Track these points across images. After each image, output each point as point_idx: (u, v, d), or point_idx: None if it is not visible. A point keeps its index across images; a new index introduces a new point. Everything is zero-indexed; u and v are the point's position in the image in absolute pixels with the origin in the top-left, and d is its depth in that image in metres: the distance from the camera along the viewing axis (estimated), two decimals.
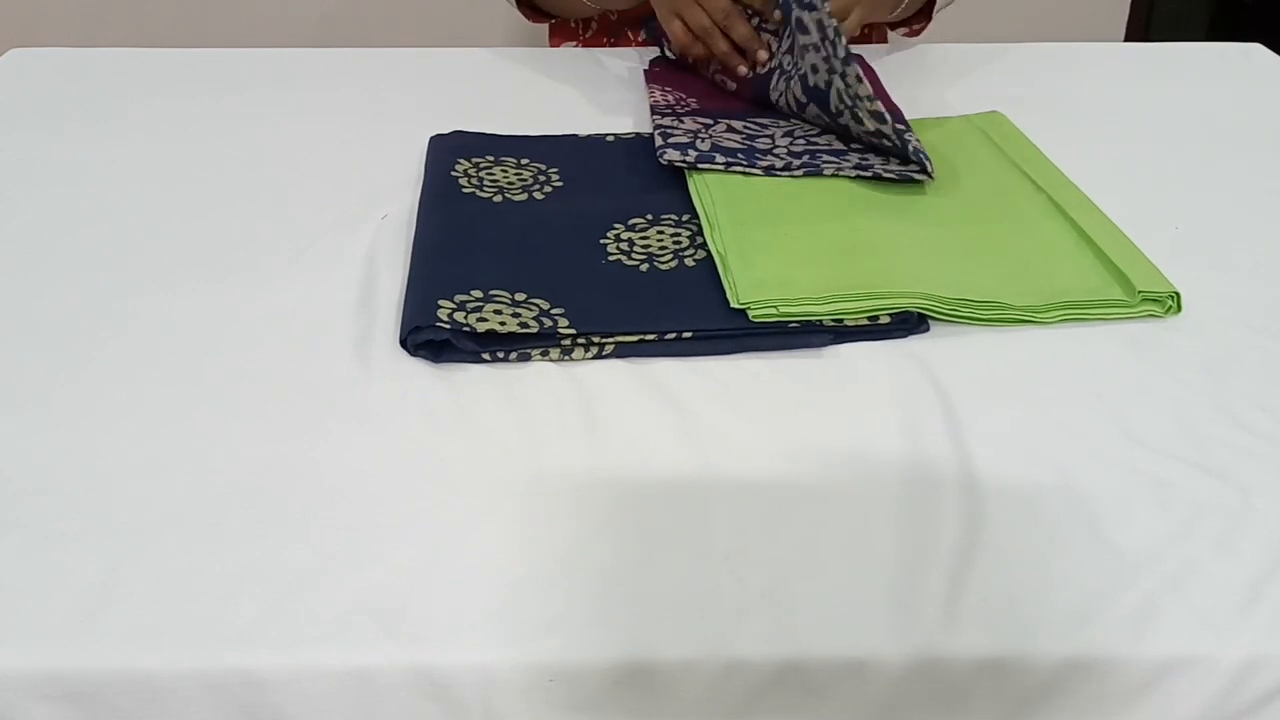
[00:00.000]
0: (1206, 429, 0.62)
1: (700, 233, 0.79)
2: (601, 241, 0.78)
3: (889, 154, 0.87)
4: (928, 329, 0.70)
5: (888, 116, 0.85)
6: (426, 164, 0.89)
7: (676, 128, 0.91)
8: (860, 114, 0.86)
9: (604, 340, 0.68)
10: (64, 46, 1.19)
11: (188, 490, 0.57)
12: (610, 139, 0.95)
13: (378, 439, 0.61)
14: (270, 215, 0.84)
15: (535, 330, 0.67)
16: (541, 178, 0.88)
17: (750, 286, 0.70)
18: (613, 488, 0.58)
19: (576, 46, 1.24)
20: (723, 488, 0.58)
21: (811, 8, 0.89)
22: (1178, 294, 0.71)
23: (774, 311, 0.69)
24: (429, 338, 0.67)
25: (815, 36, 0.89)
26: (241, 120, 0.99)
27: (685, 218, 0.81)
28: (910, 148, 0.84)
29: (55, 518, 0.55)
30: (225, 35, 1.94)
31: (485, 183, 0.86)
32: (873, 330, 0.69)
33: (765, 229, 0.77)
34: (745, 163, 0.86)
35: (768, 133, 0.92)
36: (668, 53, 1.10)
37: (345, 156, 0.93)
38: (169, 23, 1.94)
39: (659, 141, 0.88)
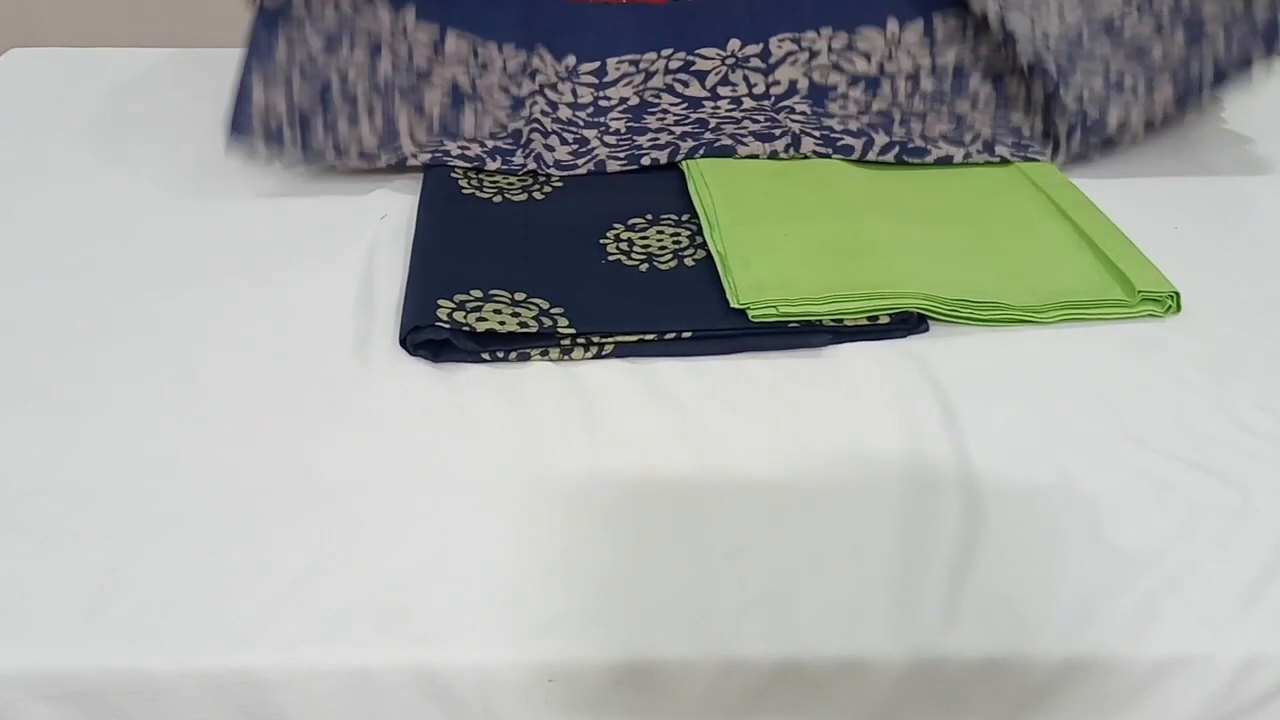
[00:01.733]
0: (1206, 429, 0.62)
1: (700, 232, 0.79)
2: (601, 241, 0.78)
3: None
4: (927, 329, 0.70)
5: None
6: (426, 164, 0.89)
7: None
8: None
9: (604, 340, 0.68)
10: (64, 46, 1.19)
11: (188, 490, 0.57)
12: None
13: (378, 439, 0.61)
14: (270, 215, 0.84)
15: (535, 330, 0.67)
16: (541, 178, 0.88)
17: (750, 287, 0.70)
18: (613, 488, 0.58)
19: None
20: (723, 488, 0.58)
21: None
22: (1177, 294, 0.71)
23: (774, 311, 0.69)
24: (429, 337, 0.67)
25: None
26: None
27: (685, 217, 0.81)
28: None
29: (56, 518, 0.55)
30: (225, 35, 1.94)
31: (485, 183, 0.86)
32: (872, 330, 0.69)
33: (765, 229, 0.77)
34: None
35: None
36: None
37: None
38: (169, 23, 1.93)
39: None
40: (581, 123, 0.95)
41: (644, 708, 0.50)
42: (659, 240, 0.79)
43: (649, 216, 0.82)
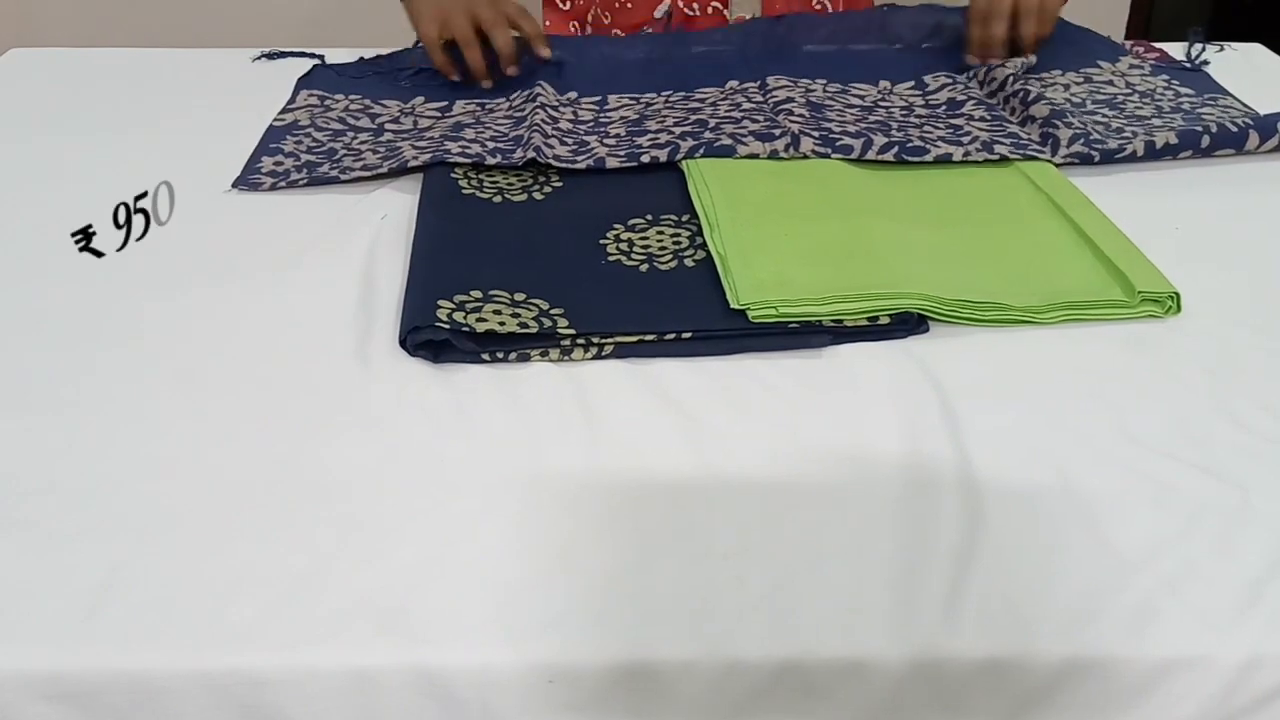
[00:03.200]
0: (1206, 429, 0.62)
1: (700, 233, 0.79)
2: (601, 242, 0.78)
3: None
4: (927, 329, 0.70)
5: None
6: (426, 164, 0.89)
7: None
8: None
9: (604, 340, 0.68)
10: (64, 46, 1.19)
11: (188, 491, 0.57)
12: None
13: (378, 439, 0.61)
14: (271, 216, 0.84)
15: (535, 330, 0.67)
16: (541, 178, 0.88)
17: (750, 287, 0.70)
18: (612, 488, 0.58)
19: (566, 8, 1.23)
20: (723, 488, 0.58)
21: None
22: (1178, 294, 0.71)
23: (774, 312, 0.69)
24: (429, 338, 0.67)
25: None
26: (242, 120, 0.99)
27: (685, 218, 0.81)
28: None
29: (57, 517, 0.55)
30: (226, 35, 1.94)
31: (485, 183, 0.86)
32: (872, 330, 0.69)
33: (765, 229, 0.77)
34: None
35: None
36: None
37: None
38: (169, 23, 1.94)
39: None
40: (582, 131, 0.96)
41: (644, 708, 0.50)
42: (659, 240, 0.79)
43: (649, 217, 0.82)
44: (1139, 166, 0.91)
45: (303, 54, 1.15)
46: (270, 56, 1.16)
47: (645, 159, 0.88)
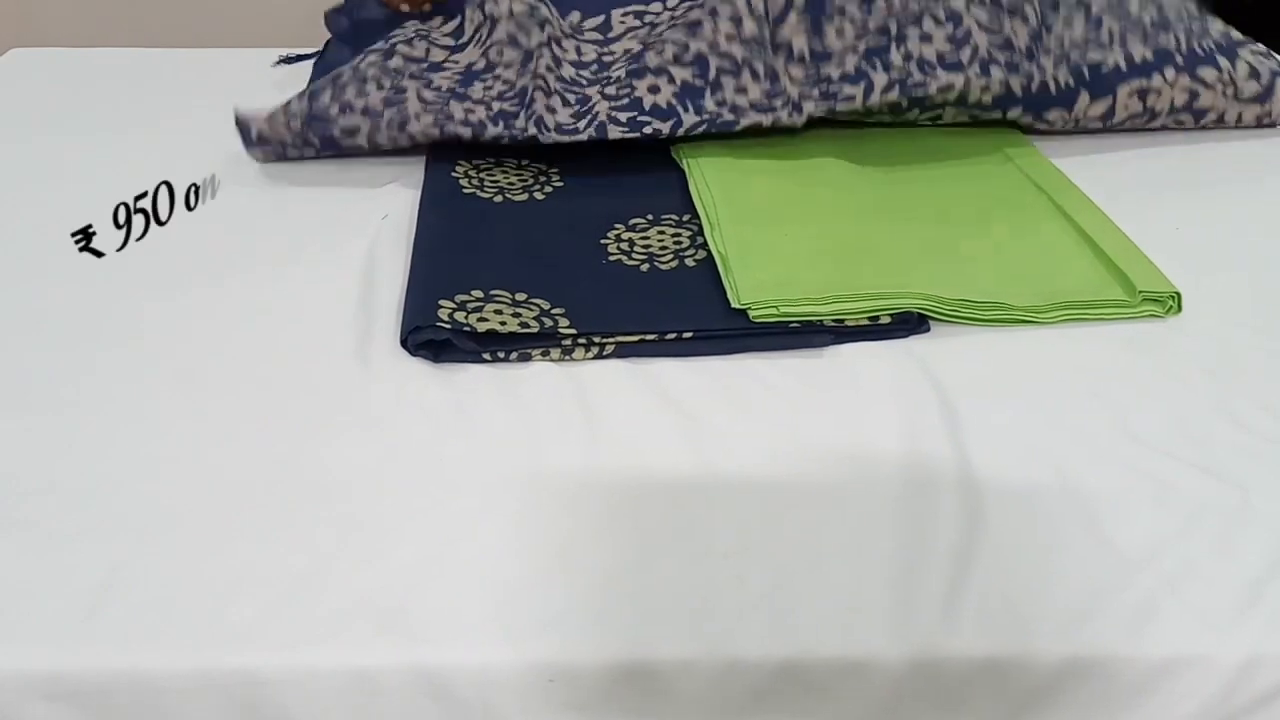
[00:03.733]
0: (1206, 429, 0.62)
1: (701, 232, 0.79)
2: (602, 241, 0.78)
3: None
4: (928, 329, 0.70)
5: None
6: (427, 163, 0.89)
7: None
8: None
9: (604, 340, 0.68)
10: (64, 46, 1.19)
11: (189, 491, 0.57)
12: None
13: (378, 439, 0.61)
14: (271, 215, 0.84)
15: (536, 330, 0.67)
16: (542, 178, 0.88)
17: (751, 287, 0.70)
18: (612, 487, 0.58)
19: None
20: (723, 488, 0.58)
21: None
22: (1178, 294, 0.71)
23: (775, 312, 0.69)
24: (429, 337, 0.67)
25: None
26: None
27: (686, 218, 0.81)
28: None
29: (57, 517, 0.55)
30: (225, 35, 1.94)
31: (486, 183, 0.86)
32: (873, 330, 0.69)
33: (766, 229, 0.77)
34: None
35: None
36: None
37: (345, 156, 0.93)
38: (169, 23, 1.94)
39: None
40: (585, 81, 0.93)
41: (644, 707, 0.50)
42: (660, 240, 0.79)
43: (650, 216, 0.82)
44: (1139, 166, 0.91)
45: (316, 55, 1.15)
46: (288, 60, 1.15)
47: (648, 130, 0.87)
